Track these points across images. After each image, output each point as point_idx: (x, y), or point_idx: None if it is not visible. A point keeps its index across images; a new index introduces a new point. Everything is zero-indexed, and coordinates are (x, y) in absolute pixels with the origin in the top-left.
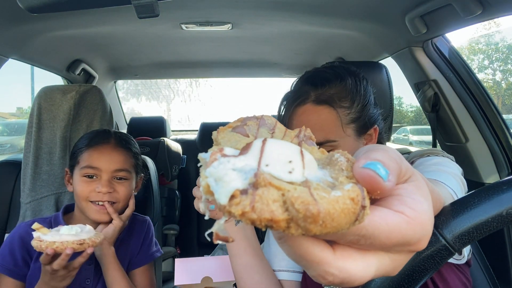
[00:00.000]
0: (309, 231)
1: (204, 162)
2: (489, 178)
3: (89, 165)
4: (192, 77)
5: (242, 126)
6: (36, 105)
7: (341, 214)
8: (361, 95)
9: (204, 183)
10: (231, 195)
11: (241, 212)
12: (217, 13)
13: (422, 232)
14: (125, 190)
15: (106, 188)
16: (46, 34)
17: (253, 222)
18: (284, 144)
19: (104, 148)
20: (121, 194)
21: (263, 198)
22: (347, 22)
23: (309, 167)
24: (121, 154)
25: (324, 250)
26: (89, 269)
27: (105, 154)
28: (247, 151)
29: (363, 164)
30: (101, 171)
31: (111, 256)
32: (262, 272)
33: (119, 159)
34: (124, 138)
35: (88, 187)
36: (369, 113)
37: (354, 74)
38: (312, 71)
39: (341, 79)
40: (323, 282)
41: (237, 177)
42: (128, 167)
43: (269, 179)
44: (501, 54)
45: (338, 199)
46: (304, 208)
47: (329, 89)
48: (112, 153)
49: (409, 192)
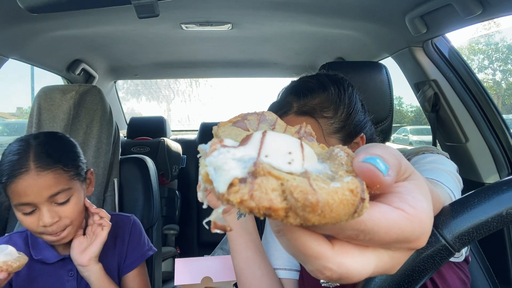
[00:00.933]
0: (307, 220)
1: (203, 152)
2: (489, 178)
3: (19, 202)
4: (192, 77)
5: (242, 121)
6: (36, 105)
7: (340, 205)
8: (345, 103)
9: (204, 171)
10: (230, 184)
11: (240, 200)
12: (217, 13)
13: (421, 230)
14: (71, 211)
15: (50, 220)
16: (46, 34)
17: (251, 210)
18: (284, 137)
19: (25, 179)
20: (68, 217)
21: (262, 187)
22: (347, 22)
23: (308, 159)
24: (50, 177)
25: (322, 245)
26: (71, 280)
27: (30, 186)
28: (247, 142)
29: (362, 159)
30: (36, 204)
31: (96, 273)
32: (263, 267)
33: (49, 184)
34: (48, 151)
35: (32, 223)
36: (354, 121)
37: (338, 82)
38: (297, 81)
39: (324, 88)
40: (321, 277)
41: (237, 166)
42: (65, 185)
43: (268, 169)
44: (501, 54)
45: (337, 190)
46: (303, 197)
47: (312, 100)
48: (37, 182)
49: (409, 190)
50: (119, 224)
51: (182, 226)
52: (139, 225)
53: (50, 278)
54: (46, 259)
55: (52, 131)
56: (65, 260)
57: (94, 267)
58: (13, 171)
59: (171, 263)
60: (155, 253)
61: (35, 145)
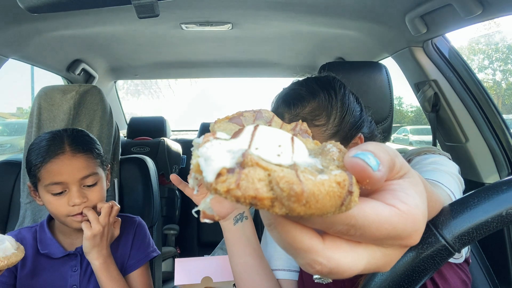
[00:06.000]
0: (292, 210)
1: (196, 145)
2: (489, 178)
3: (52, 181)
4: (192, 77)
5: (238, 117)
6: (36, 105)
7: (326, 197)
8: (337, 108)
9: (195, 161)
10: (218, 173)
11: (226, 189)
12: (217, 13)
13: (414, 227)
14: (97, 195)
15: (80, 199)
16: (46, 34)
17: (237, 199)
18: (276, 130)
19: (61, 159)
20: (94, 201)
21: (248, 177)
22: (347, 22)
23: (298, 152)
24: (82, 160)
25: (312, 238)
26: (74, 275)
27: (65, 165)
28: (239, 135)
29: (353, 154)
30: (68, 184)
31: (98, 267)
32: (262, 272)
33: (81, 166)
34: (80, 139)
35: (61, 205)
36: (349, 124)
37: (329, 86)
38: (287, 89)
39: (314, 95)
40: (311, 271)
41: (226, 157)
42: (94, 170)
43: (256, 160)
44: (501, 54)
45: (324, 182)
46: (288, 187)
47: (302, 109)
48: (72, 162)
49: (403, 187)
50: (124, 225)
51: (182, 226)
52: (144, 227)
53: (54, 272)
54: (52, 253)
55: (78, 128)
56: (70, 256)
57: (93, 260)
58: (49, 152)
59: (171, 263)
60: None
61: (67, 135)
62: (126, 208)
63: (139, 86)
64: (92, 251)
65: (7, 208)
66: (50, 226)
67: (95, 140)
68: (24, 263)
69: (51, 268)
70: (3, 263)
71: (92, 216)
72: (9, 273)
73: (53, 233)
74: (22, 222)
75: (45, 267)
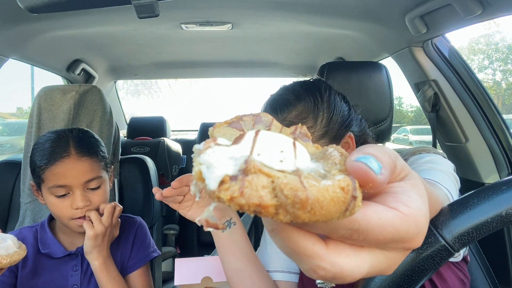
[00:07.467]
0: (297, 217)
1: (197, 152)
2: (489, 178)
3: (56, 184)
4: (192, 77)
5: (238, 121)
6: (36, 105)
7: (331, 202)
8: (324, 109)
9: (197, 169)
10: (220, 181)
11: (230, 197)
12: (217, 13)
13: (417, 229)
14: (101, 198)
15: (83, 203)
16: (46, 34)
17: (241, 207)
18: (277, 135)
19: (66, 163)
20: (97, 204)
21: (252, 184)
22: (347, 22)
23: (301, 158)
24: (87, 163)
25: (316, 244)
26: (75, 275)
27: (70, 169)
28: (240, 141)
29: (355, 158)
30: (72, 187)
31: (98, 268)
32: (254, 276)
33: (86, 169)
34: (85, 142)
35: (64, 207)
36: (338, 123)
37: (314, 88)
38: (275, 95)
39: (299, 99)
40: (315, 276)
41: (228, 164)
42: (99, 173)
43: (259, 166)
44: (501, 54)
45: (328, 187)
46: (292, 194)
47: (289, 113)
48: (76, 166)
49: (405, 190)
50: (124, 225)
51: (182, 226)
52: (145, 227)
53: (54, 272)
54: (53, 253)
55: (83, 128)
56: (71, 255)
57: (92, 260)
58: (55, 154)
59: (171, 263)
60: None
61: (72, 137)
62: (126, 208)
63: (139, 86)
64: (93, 251)
65: (7, 208)
66: (51, 226)
67: (100, 142)
68: (25, 263)
69: (52, 268)
70: (5, 261)
71: (95, 216)
72: (10, 272)
73: (54, 233)
74: (22, 222)
75: (46, 266)
